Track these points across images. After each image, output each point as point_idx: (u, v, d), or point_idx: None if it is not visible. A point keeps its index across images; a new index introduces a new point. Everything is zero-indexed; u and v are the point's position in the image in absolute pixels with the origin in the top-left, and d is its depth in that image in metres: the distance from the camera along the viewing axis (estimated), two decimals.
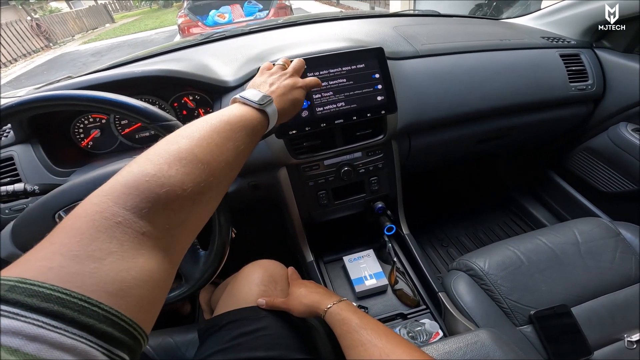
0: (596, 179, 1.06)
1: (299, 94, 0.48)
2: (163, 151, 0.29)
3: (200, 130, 0.32)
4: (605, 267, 0.71)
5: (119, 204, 0.23)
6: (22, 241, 0.47)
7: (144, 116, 0.42)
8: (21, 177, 0.67)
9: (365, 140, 0.78)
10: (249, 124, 0.37)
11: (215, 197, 0.32)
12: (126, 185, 0.25)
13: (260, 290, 0.57)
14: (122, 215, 0.23)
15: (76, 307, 0.18)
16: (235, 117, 0.36)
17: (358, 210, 0.89)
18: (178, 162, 0.28)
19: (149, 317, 0.22)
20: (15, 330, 0.16)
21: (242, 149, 0.35)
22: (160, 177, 0.26)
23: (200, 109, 0.80)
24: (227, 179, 0.33)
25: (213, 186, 0.30)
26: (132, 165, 0.27)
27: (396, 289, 0.80)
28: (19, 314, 0.16)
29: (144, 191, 0.25)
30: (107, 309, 0.19)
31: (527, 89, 0.89)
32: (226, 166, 0.32)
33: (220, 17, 4.71)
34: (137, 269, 0.22)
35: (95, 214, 0.22)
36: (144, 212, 0.24)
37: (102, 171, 0.47)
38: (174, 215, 0.26)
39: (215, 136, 0.32)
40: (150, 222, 0.24)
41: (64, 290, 0.18)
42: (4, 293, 0.17)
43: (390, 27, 0.96)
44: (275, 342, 0.50)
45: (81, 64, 7.53)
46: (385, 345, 0.40)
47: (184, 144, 0.30)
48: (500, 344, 0.51)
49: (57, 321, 0.17)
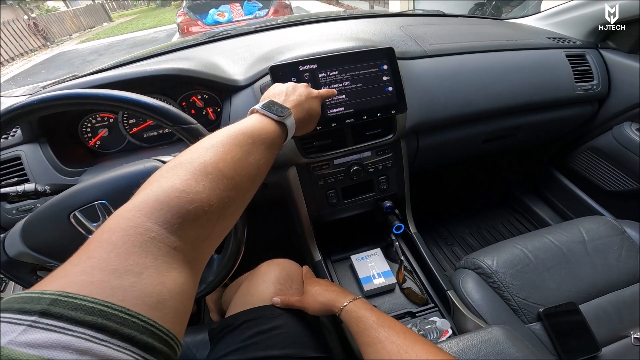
0: (600, 178, 1.07)
1: (315, 104, 0.48)
2: (189, 165, 0.29)
3: (224, 143, 0.32)
4: (612, 265, 0.72)
5: (152, 219, 0.24)
6: (33, 241, 0.47)
7: (167, 118, 0.41)
8: (29, 177, 0.66)
9: (374, 139, 0.79)
10: (269, 137, 0.38)
11: (237, 211, 0.33)
12: (157, 201, 0.25)
13: (276, 289, 0.57)
14: (156, 230, 0.24)
15: (118, 319, 0.18)
16: (257, 129, 0.37)
17: (367, 209, 0.90)
18: (205, 178, 0.28)
19: (181, 327, 0.23)
20: (64, 344, 0.16)
21: (263, 163, 0.36)
22: (189, 192, 0.27)
23: (209, 108, 0.80)
24: (248, 193, 0.34)
25: (237, 200, 0.31)
26: (160, 180, 0.27)
27: (404, 288, 0.80)
28: (66, 328, 0.16)
29: (175, 207, 0.25)
30: (146, 320, 0.19)
31: (534, 89, 0.89)
32: (248, 180, 0.33)
33: (220, 16, 4.70)
34: (171, 282, 0.23)
35: (129, 229, 0.23)
36: (174, 227, 0.25)
37: (119, 172, 0.47)
38: (202, 230, 0.27)
39: (237, 150, 0.33)
40: (180, 237, 0.25)
41: (104, 302, 0.18)
42: (47, 307, 0.17)
43: (397, 27, 0.96)
44: (291, 340, 0.50)
45: (79, 62, 7.48)
46: (404, 343, 0.41)
47: (209, 158, 0.30)
48: (514, 340, 0.51)
49: (102, 334, 0.17)
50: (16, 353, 0.15)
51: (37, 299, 0.17)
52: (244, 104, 0.73)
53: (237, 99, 0.74)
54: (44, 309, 0.17)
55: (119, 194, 0.46)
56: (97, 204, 0.45)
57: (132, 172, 0.47)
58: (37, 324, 0.16)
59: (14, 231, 0.48)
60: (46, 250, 0.47)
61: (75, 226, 0.46)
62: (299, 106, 0.46)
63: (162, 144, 0.80)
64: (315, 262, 0.85)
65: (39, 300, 0.17)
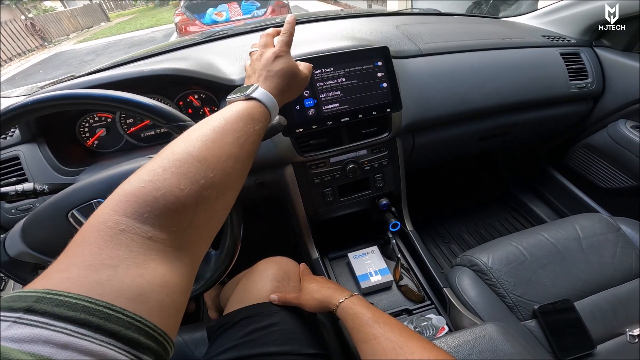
0: (595, 175, 1.07)
1: (284, 63, 0.44)
2: (159, 158, 0.29)
3: (195, 130, 0.32)
4: (607, 262, 0.72)
5: (119, 212, 0.24)
6: (33, 240, 0.47)
7: (161, 116, 0.42)
8: (27, 176, 0.67)
9: (370, 137, 0.79)
10: (244, 112, 0.36)
11: (224, 193, 0.31)
12: (123, 194, 0.25)
13: (274, 286, 0.58)
14: (125, 222, 0.24)
15: (101, 314, 0.18)
16: (230, 111, 0.36)
17: (363, 207, 0.90)
18: (172, 164, 0.28)
19: (172, 322, 0.23)
20: (46, 339, 0.16)
21: (245, 140, 0.34)
22: (155, 181, 0.26)
23: (206, 108, 0.81)
24: (234, 172, 0.32)
25: (216, 182, 0.30)
26: (131, 177, 0.27)
27: (401, 285, 0.81)
28: (48, 324, 0.17)
29: (141, 197, 0.25)
30: (132, 315, 0.19)
31: (528, 87, 0.90)
32: (228, 159, 0.31)
33: (218, 16, 4.70)
34: (150, 273, 0.22)
35: (99, 224, 0.23)
36: (145, 216, 0.24)
37: (115, 171, 0.48)
38: (179, 216, 0.26)
39: (209, 133, 0.32)
40: (154, 226, 0.25)
41: (88, 298, 0.19)
42: (32, 304, 0.17)
43: (393, 25, 0.97)
44: (288, 337, 0.51)
45: (77, 63, 7.46)
46: (398, 339, 0.41)
47: (177, 147, 0.30)
48: (508, 337, 0.51)
49: (84, 329, 0.17)
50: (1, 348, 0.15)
51: (24, 297, 0.18)
52: None
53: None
54: (28, 305, 0.17)
55: None
56: (94, 202, 0.46)
57: (128, 170, 0.47)
58: (22, 320, 0.17)
59: (14, 231, 0.49)
60: (46, 250, 0.47)
61: (74, 225, 0.46)
62: (267, 77, 0.43)
63: (159, 143, 0.80)
64: (313, 260, 0.85)
65: (25, 298, 0.18)
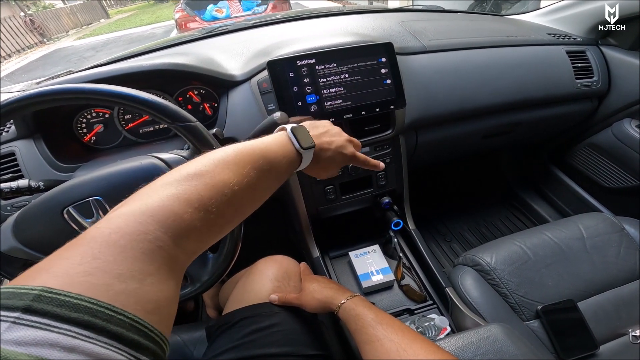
0: (599, 175, 1.06)
1: (341, 159, 0.47)
2: (208, 178, 0.29)
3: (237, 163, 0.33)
4: (611, 262, 0.72)
5: (163, 229, 0.24)
6: (26, 236, 0.46)
7: (165, 115, 0.41)
8: (23, 173, 0.66)
9: (373, 135, 0.78)
10: (283, 162, 0.38)
11: (231, 228, 0.34)
12: (172, 212, 0.25)
13: (274, 286, 0.57)
14: (164, 240, 0.24)
15: (104, 316, 0.18)
16: (272, 151, 0.37)
17: (365, 205, 0.89)
18: (220, 197, 0.29)
19: (168, 324, 0.24)
20: (52, 342, 0.16)
21: (270, 191, 0.37)
22: (201, 210, 0.27)
23: (206, 104, 0.79)
24: (248, 213, 0.34)
25: (237, 220, 0.33)
26: (177, 188, 0.27)
27: (403, 285, 0.80)
28: (52, 325, 0.16)
29: (187, 221, 0.26)
30: (131, 316, 0.19)
31: (534, 85, 0.89)
32: (250, 204, 0.34)
33: (218, 12, 4.67)
34: (169, 290, 0.23)
35: (139, 235, 0.23)
36: (181, 242, 0.25)
37: (114, 169, 0.46)
38: (201, 245, 0.28)
39: (252, 173, 0.33)
40: (184, 252, 0.26)
41: (90, 299, 0.18)
42: (30, 302, 0.16)
43: (396, 22, 0.95)
44: (289, 338, 0.50)
45: (76, 59, 7.42)
46: (402, 340, 0.40)
47: (227, 177, 0.30)
48: (513, 338, 0.51)
49: (89, 331, 0.17)
50: (5, 352, 0.14)
51: (19, 294, 0.17)
52: (241, 99, 0.72)
53: (234, 94, 0.73)
54: (26, 304, 0.16)
55: (115, 190, 0.45)
56: (91, 200, 0.45)
57: (128, 168, 0.46)
58: (22, 320, 0.16)
59: (5, 226, 0.47)
60: (38, 246, 0.46)
61: (69, 222, 0.45)
62: (325, 145, 0.44)
63: (158, 139, 0.79)
64: (314, 259, 0.85)
65: (20, 295, 0.17)
